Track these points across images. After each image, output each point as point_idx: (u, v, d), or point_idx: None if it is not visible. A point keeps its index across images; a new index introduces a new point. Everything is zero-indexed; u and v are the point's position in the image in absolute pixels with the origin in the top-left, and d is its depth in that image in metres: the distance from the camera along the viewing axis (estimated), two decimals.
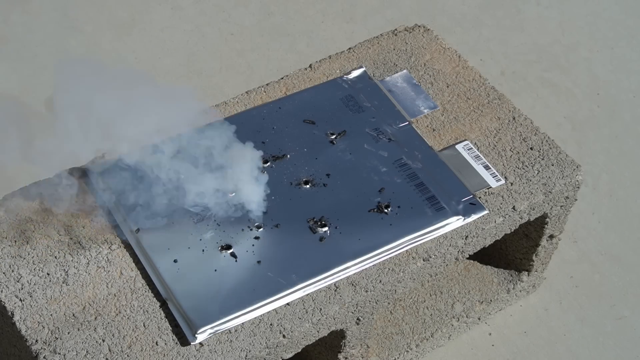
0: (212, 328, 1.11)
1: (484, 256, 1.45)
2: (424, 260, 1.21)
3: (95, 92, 1.13)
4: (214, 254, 1.17)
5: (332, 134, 1.32)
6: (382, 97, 1.37)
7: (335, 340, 1.23)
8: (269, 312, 1.13)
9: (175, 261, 1.16)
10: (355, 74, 1.40)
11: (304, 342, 1.15)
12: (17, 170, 1.20)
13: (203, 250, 1.18)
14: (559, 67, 1.86)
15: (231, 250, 1.18)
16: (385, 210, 1.23)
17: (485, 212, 1.25)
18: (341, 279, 1.17)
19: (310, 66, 1.41)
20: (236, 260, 1.17)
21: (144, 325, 1.12)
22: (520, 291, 1.45)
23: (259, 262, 1.17)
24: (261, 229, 1.20)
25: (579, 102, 1.79)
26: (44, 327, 1.10)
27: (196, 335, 1.10)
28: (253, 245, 1.19)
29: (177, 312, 1.12)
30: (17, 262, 1.16)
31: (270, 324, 1.13)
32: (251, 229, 1.20)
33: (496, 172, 1.29)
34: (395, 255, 1.20)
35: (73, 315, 1.11)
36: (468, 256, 1.32)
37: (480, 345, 1.42)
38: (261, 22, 1.91)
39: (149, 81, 1.18)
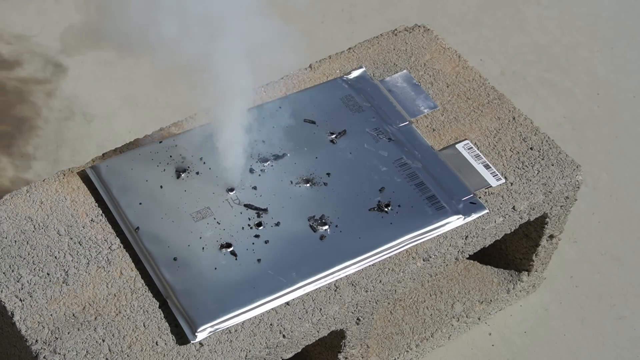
0: (212, 326, 1.11)
1: (484, 256, 1.44)
2: (424, 260, 1.20)
3: None
4: (214, 252, 1.17)
5: (333, 134, 1.32)
6: (382, 97, 1.37)
7: (335, 340, 1.22)
8: (269, 312, 1.13)
9: (175, 259, 1.16)
10: (355, 74, 1.40)
11: (304, 342, 1.15)
12: (17, 171, 1.19)
13: (203, 249, 1.18)
14: (559, 67, 1.86)
15: (231, 249, 1.18)
16: (386, 209, 1.23)
17: (486, 211, 1.25)
18: (341, 279, 1.17)
19: (310, 66, 1.41)
20: (236, 259, 1.17)
21: (144, 325, 1.11)
22: (520, 291, 1.45)
23: (259, 260, 1.17)
24: (261, 227, 1.20)
25: (579, 102, 1.79)
26: (44, 327, 1.10)
27: (196, 334, 1.10)
28: (253, 243, 1.18)
29: (177, 311, 1.12)
30: (17, 262, 1.16)
31: (270, 324, 1.12)
32: (251, 227, 1.20)
33: (496, 171, 1.29)
34: (395, 254, 1.20)
35: (73, 315, 1.11)
36: (468, 256, 1.32)
37: (480, 345, 1.42)
38: None
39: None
